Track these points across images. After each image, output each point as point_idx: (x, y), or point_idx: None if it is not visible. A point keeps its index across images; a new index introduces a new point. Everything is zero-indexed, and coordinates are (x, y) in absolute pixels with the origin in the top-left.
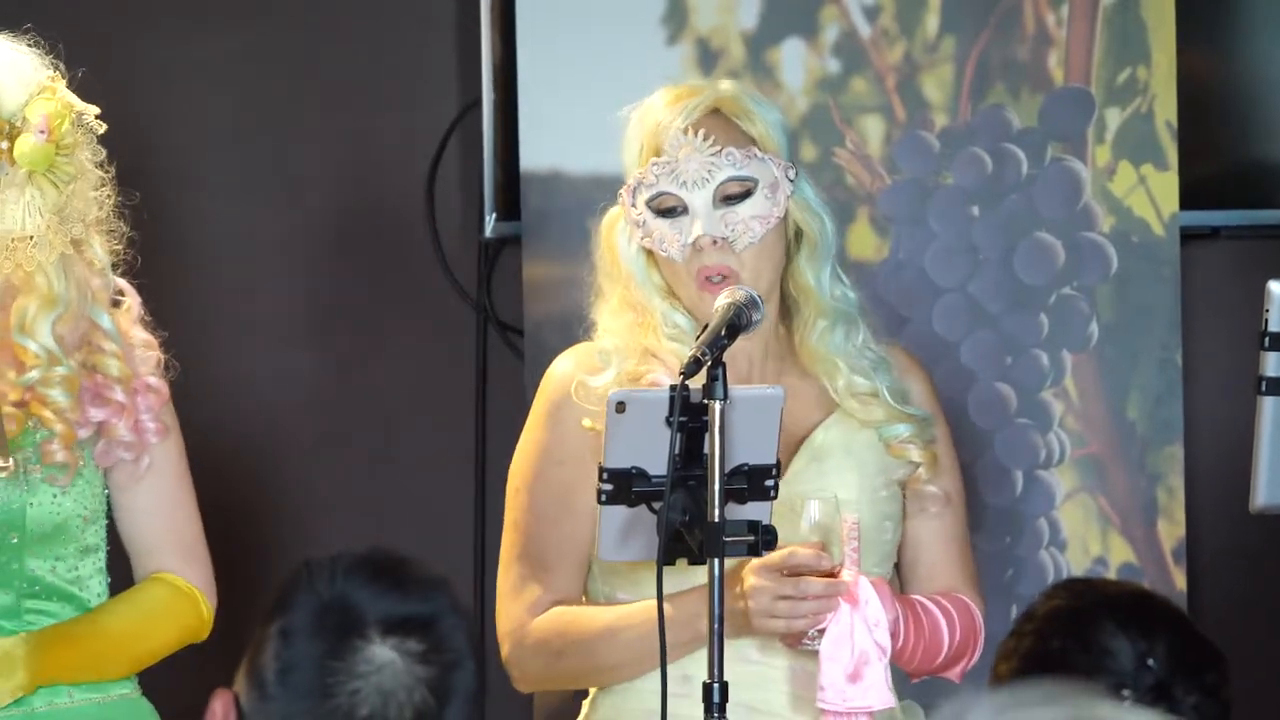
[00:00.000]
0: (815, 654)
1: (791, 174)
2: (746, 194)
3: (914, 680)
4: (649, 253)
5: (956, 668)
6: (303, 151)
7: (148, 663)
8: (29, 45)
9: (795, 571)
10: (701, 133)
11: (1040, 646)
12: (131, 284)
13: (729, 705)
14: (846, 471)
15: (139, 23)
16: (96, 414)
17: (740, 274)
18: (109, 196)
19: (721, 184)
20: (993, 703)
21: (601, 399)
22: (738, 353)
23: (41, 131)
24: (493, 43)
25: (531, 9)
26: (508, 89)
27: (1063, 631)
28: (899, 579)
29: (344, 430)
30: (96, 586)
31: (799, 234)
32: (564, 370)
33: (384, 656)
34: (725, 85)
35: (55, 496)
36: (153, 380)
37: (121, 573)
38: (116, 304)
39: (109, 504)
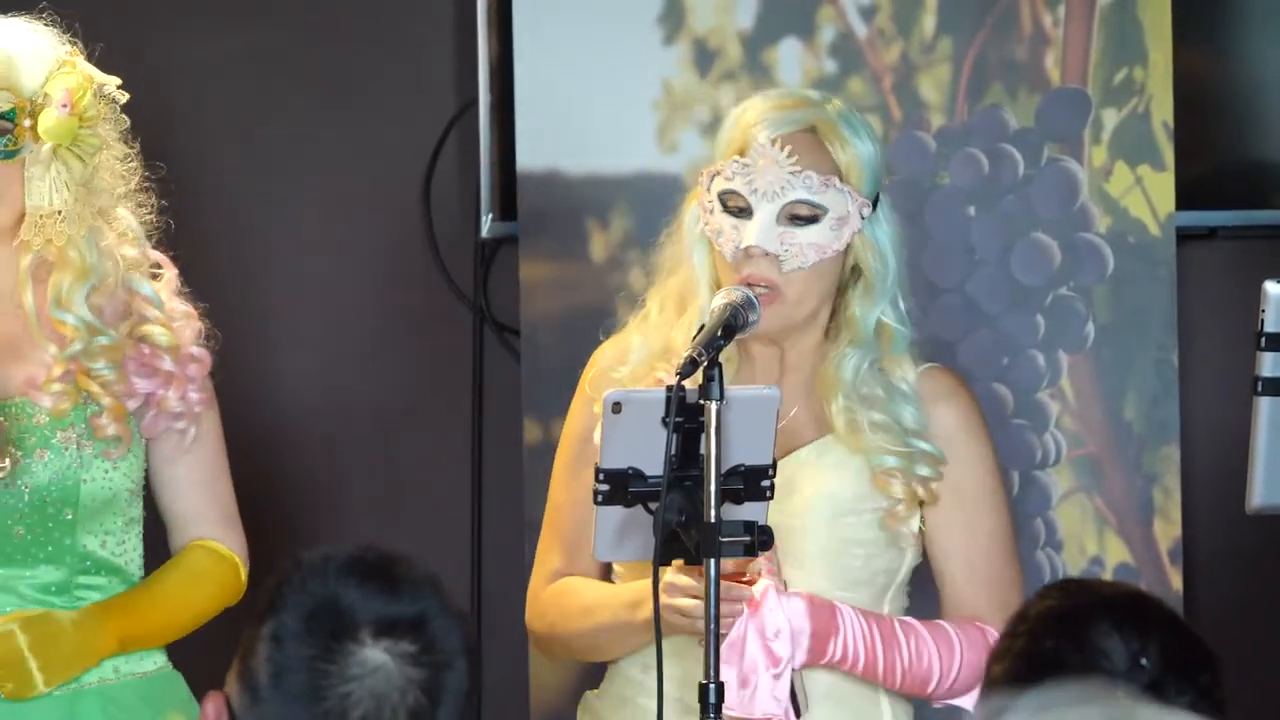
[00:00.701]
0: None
1: (866, 211)
2: (813, 219)
3: (935, 705)
4: (709, 241)
5: (970, 695)
6: (299, 151)
7: (187, 632)
8: (45, 23)
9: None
10: (788, 149)
11: (1034, 646)
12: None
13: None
14: (810, 494)
15: (136, 23)
16: (144, 385)
17: (786, 292)
18: (135, 169)
19: (790, 203)
20: (1030, 702)
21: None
22: (771, 360)
23: (64, 106)
24: (489, 42)
25: (528, 9)
26: (504, 89)
27: (1056, 631)
28: (941, 603)
29: (340, 430)
30: (138, 559)
31: (856, 269)
32: (602, 355)
33: (376, 659)
34: (832, 107)
35: (107, 471)
36: (195, 350)
37: (151, 544)
38: (155, 277)
39: (147, 476)
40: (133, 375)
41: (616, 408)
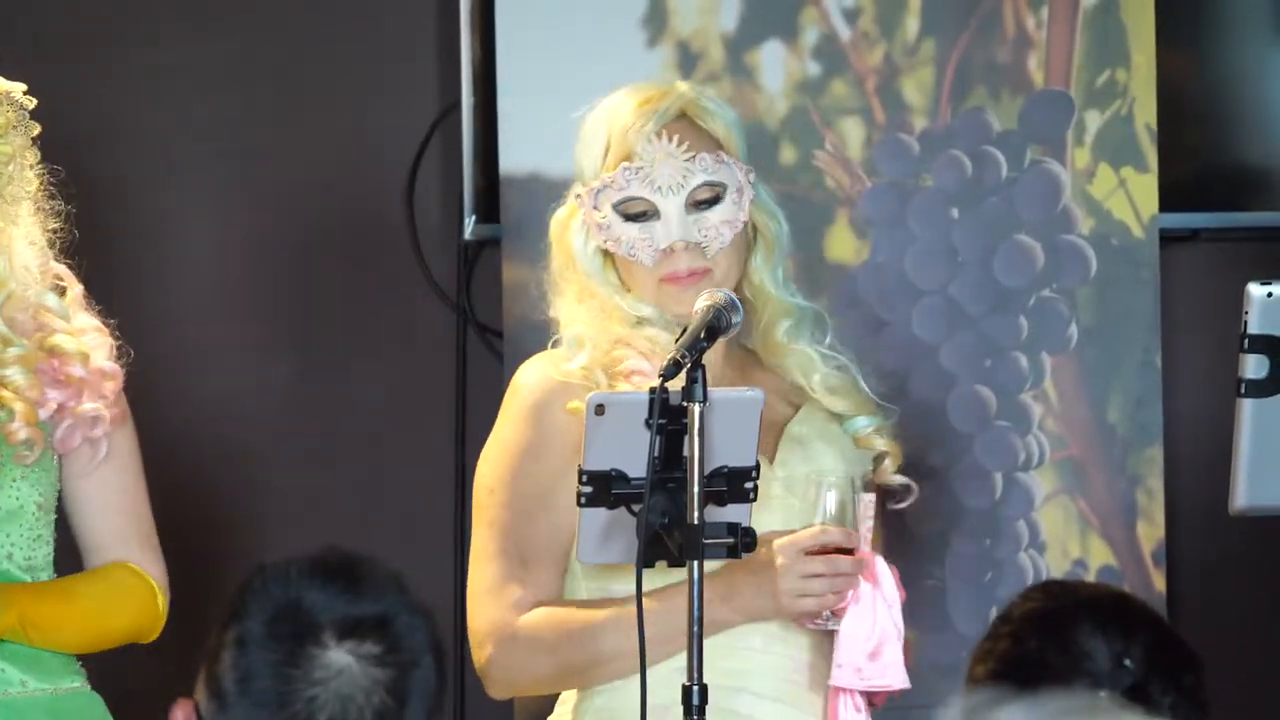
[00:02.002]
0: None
1: (751, 177)
2: (716, 199)
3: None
4: (605, 253)
5: None
6: (282, 153)
7: (100, 645)
8: None
9: (822, 550)
10: (676, 138)
11: (1017, 648)
12: (110, 285)
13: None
14: (829, 457)
15: (121, 24)
16: (56, 395)
17: (715, 272)
18: (40, 174)
19: (693, 189)
20: (1015, 714)
21: (579, 385)
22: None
23: None
24: (472, 45)
25: (511, 11)
26: (487, 92)
27: (1039, 633)
28: None
29: (323, 432)
30: (47, 579)
31: (755, 235)
32: (537, 370)
33: (340, 661)
34: (684, 87)
35: (15, 481)
36: (106, 365)
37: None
38: (60, 291)
39: (59, 499)
40: (47, 386)
41: (599, 409)
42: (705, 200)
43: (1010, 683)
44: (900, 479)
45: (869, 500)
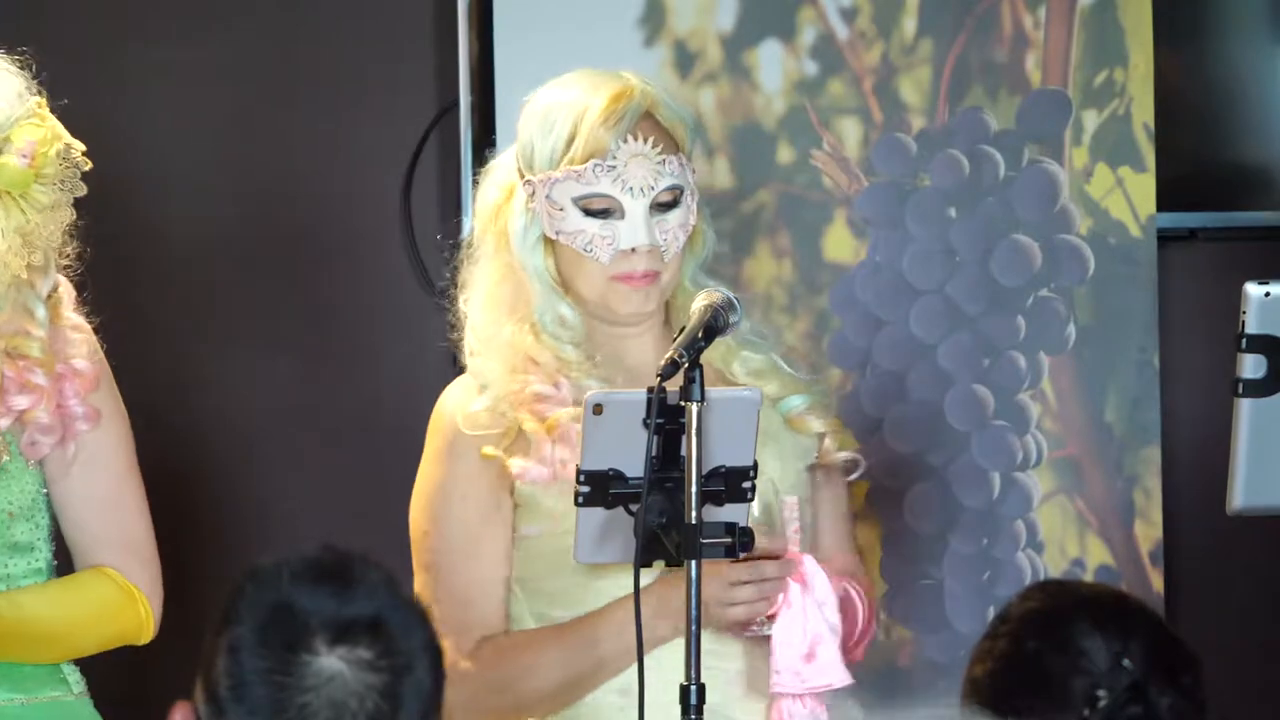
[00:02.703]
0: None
1: (693, 175)
2: (675, 202)
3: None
4: (546, 240)
5: (860, 649)
6: (280, 152)
7: (75, 654)
8: (20, 66)
9: (748, 558)
10: (651, 139)
11: (1015, 648)
12: (109, 284)
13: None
14: (766, 457)
15: (117, 24)
16: (19, 401)
17: (663, 275)
18: (70, 221)
19: (660, 192)
20: None
21: (488, 423)
22: (634, 334)
23: (24, 156)
24: (470, 45)
25: (509, 11)
26: (485, 91)
27: (1038, 633)
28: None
29: (319, 432)
30: (22, 584)
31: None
32: (452, 402)
33: (332, 668)
34: (640, 81)
35: None
36: (80, 364)
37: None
38: (53, 286)
39: (49, 504)
40: (11, 394)
41: (598, 409)
42: (666, 203)
43: (1009, 683)
44: (845, 455)
45: (793, 503)
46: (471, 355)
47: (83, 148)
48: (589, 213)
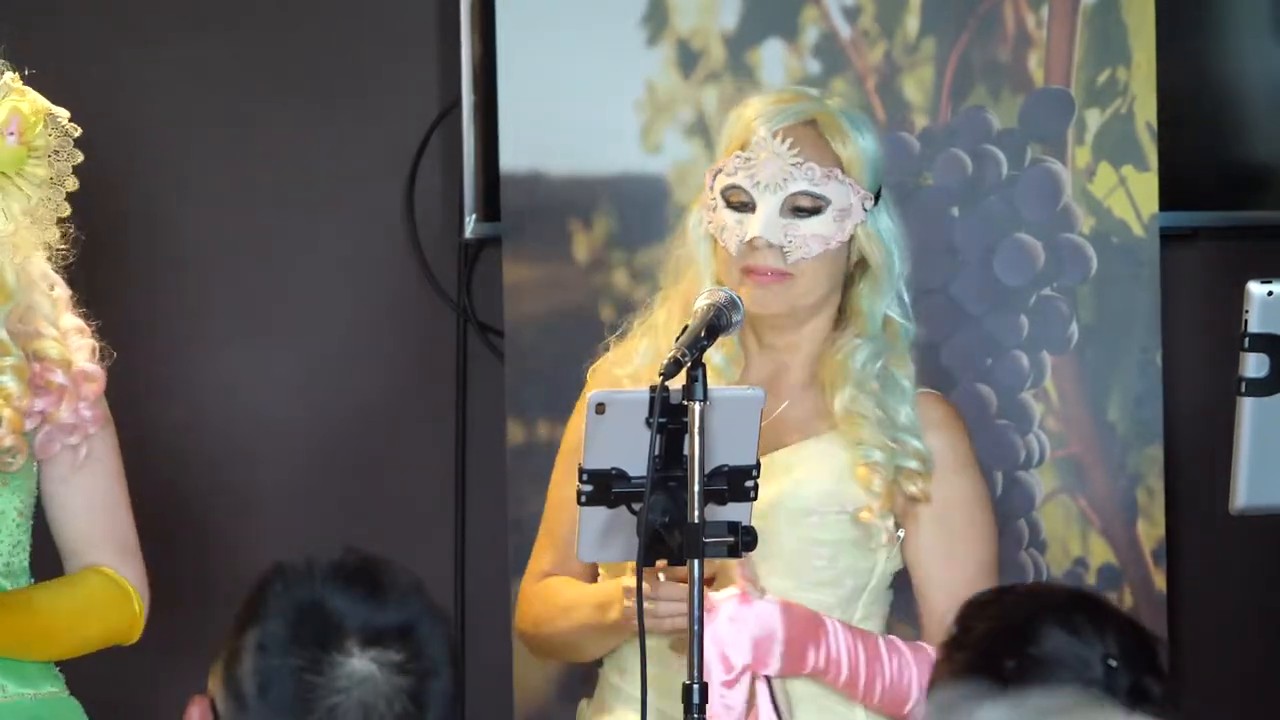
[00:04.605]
0: None
1: (869, 204)
2: (816, 210)
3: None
4: (714, 240)
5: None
6: (282, 153)
7: (74, 653)
8: None
9: (674, 576)
10: (789, 141)
11: (992, 663)
12: (109, 284)
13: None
14: (774, 492)
15: (120, 25)
16: (40, 402)
17: (797, 277)
18: (64, 196)
19: (793, 194)
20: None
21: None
22: (780, 352)
23: (11, 134)
24: (473, 44)
25: (512, 10)
26: (488, 90)
27: (1011, 650)
28: (921, 628)
29: (323, 431)
30: (24, 582)
31: (862, 261)
32: (605, 360)
33: (363, 670)
34: (833, 102)
35: None
36: (89, 367)
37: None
38: (49, 286)
39: (38, 505)
40: (33, 394)
41: (600, 408)
42: (804, 209)
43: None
44: (881, 529)
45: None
46: (648, 326)
47: (67, 114)
48: (730, 205)
